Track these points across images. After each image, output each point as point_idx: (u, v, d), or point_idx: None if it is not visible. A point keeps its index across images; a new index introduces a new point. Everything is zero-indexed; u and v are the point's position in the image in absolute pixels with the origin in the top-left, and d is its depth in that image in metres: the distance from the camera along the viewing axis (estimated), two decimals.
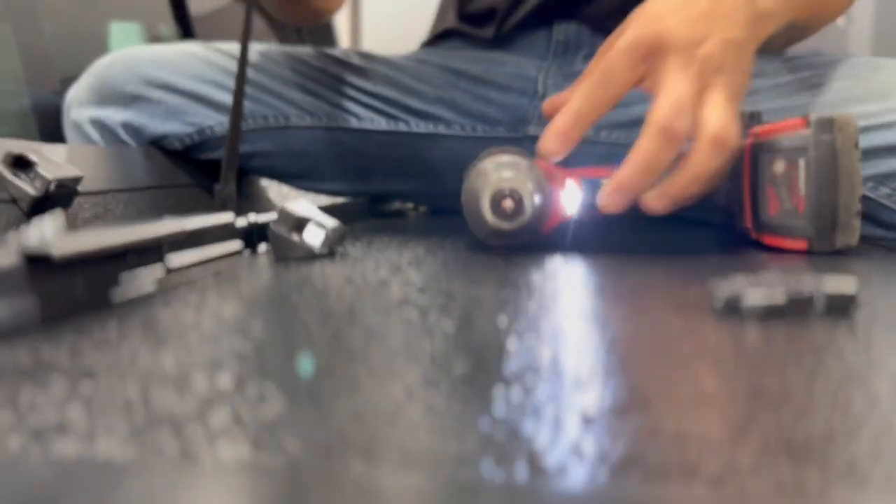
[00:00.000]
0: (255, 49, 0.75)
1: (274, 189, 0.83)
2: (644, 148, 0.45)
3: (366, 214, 0.85)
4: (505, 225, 0.48)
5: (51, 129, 0.75)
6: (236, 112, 0.54)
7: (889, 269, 0.44)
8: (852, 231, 0.46)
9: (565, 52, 0.77)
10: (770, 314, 0.28)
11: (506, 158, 0.49)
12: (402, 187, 0.81)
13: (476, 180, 0.49)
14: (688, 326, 0.28)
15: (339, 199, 0.82)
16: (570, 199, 0.50)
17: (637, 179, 0.45)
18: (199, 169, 0.74)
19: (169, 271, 0.35)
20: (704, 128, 0.45)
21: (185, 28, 1.10)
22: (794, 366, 0.22)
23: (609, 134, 0.71)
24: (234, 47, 0.74)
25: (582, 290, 0.36)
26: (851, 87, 0.61)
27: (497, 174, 0.48)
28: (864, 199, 0.50)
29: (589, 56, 0.66)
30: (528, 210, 0.47)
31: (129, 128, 0.71)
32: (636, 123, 0.57)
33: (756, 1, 0.50)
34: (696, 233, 0.60)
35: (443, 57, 0.79)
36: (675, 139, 0.44)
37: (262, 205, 0.79)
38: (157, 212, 0.60)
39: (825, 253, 0.46)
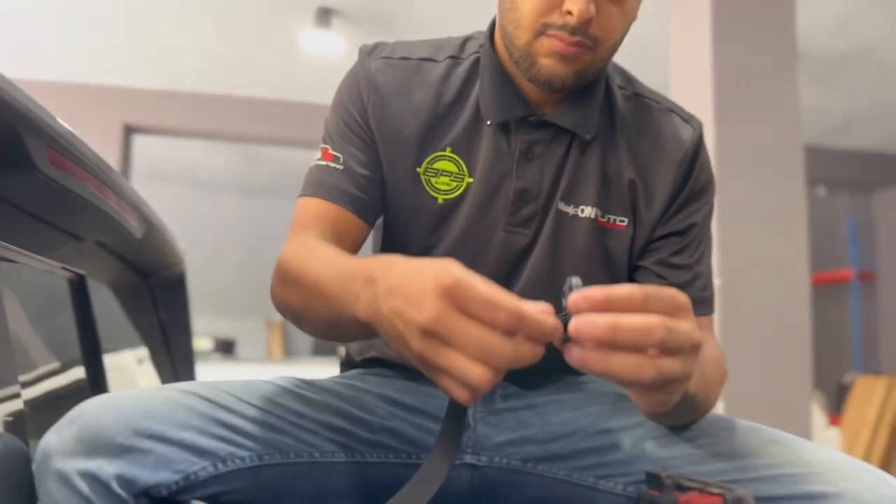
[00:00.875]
0: (223, 390, 0.79)
1: None
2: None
3: None
4: None
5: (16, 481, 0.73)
6: None
7: None
8: None
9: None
10: None
11: None
12: None
13: None
14: None
15: None
16: None
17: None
18: None
19: None
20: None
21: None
22: None
23: (534, 465, 0.85)
24: (199, 387, 0.78)
25: None
26: (716, 444, 0.78)
27: None
28: None
29: (506, 396, 0.90)
30: None
31: (122, 480, 0.70)
32: (559, 458, 0.81)
33: None
34: None
35: (379, 385, 0.89)
36: (651, 334, 0.51)
37: None
38: None
39: None
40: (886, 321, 5.89)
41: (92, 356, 1.08)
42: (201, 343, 6.33)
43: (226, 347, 6.98)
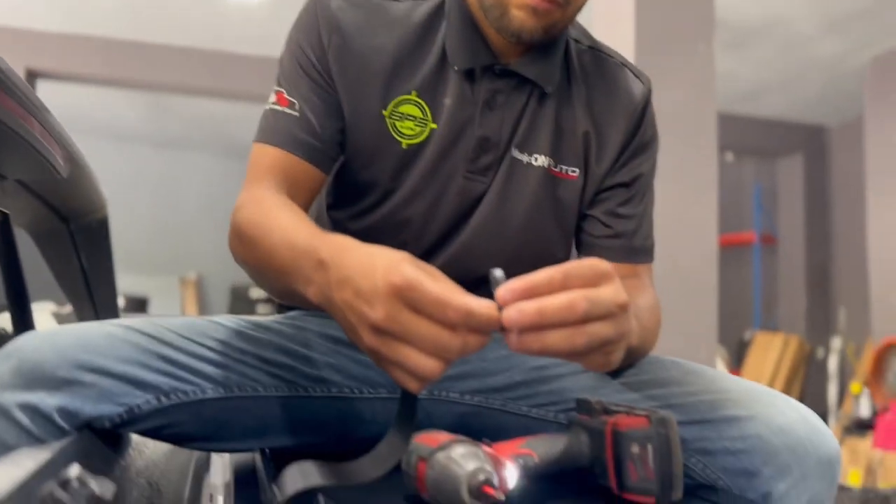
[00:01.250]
0: (165, 326, 0.79)
1: None
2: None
3: None
4: None
5: None
6: None
7: None
8: (680, 489, 0.66)
9: None
10: None
11: (464, 448, 0.62)
12: (293, 442, 0.86)
13: (449, 469, 0.61)
14: None
15: None
16: (510, 475, 0.65)
17: (544, 286, 0.55)
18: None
19: None
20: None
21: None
22: None
23: (472, 397, 0.90)
24: (141, 323, 0.78)
25: None
26: (640, 374, 0.84)
27: (469, 464, 0.60)
28: None
29: None
30: (500, 492, 0.60)
31: (64, 412, 0.70)
32: (495, 391, 0.89)
33: None
34: (579, 488, 0.75)
35: (320, 325, 0.90)
36: (573, 309, 0.55)
37: None
38: None
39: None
40: (785, 282, 6.24)
41: (18, 297, 1.04)
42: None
43: (138, 305, 6.78)
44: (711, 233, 2.85)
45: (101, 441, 0.72)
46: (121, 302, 6.51)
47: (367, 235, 0.93)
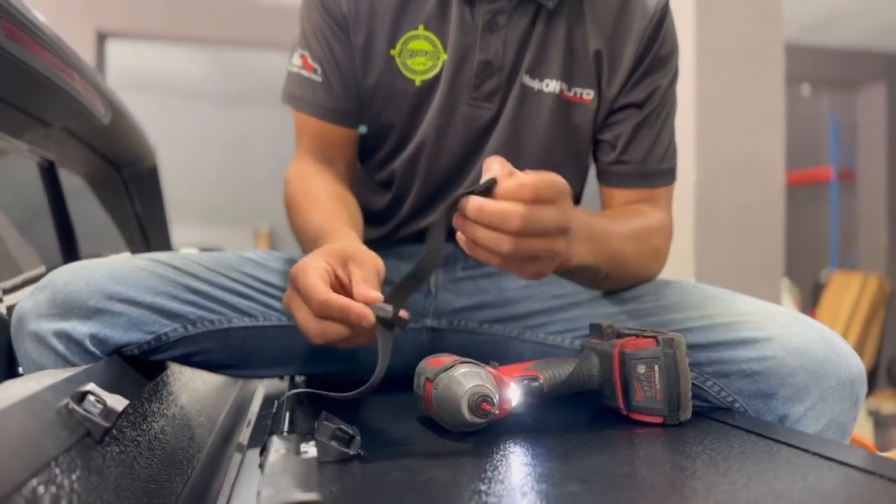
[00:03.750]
0: (194, 260, 0.84)
1: None
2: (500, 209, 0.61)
3: None
4: (478, 421, 0.62)
5: None
6: None
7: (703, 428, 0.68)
8: (689, 409, 0.69)
9: (447, 263, 0.96)
10: None
11: (467, 368, 0.64)
12: (317, 369, 0.90)
13: (451, 387, 0.63)
14: None
15: None
16: (512, 395, 0.67)
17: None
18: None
19: None
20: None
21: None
22: None
23: (490, 326, 0.92)
24: (170, 257, 0.83)
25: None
26: (658, 300, 0.84)
27: (469, 383, 0.62)
28: None
29: (466, 266, 0.96)
30: (496, 409, 0.62)
31: (95, 339, 0.74)
32: (512, 319, 0.88)
33: (574, 240, 0.70)
34: (588, 410, 0.77)
35: None
36: (508, 222, 0.61)
37: None
38: None
39: (674, 424, 0.68)
40: (864, 219, 5.97)
41: (66, 238, 1.11)
42: (188, 252, 6.38)
43: None
44: (778, 168, 2.75)
45: (130, 366, 0.77)
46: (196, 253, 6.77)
47: (390, 180, 0.94)
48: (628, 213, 0.89)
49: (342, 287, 0.69)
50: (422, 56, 0.89)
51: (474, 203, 0.62)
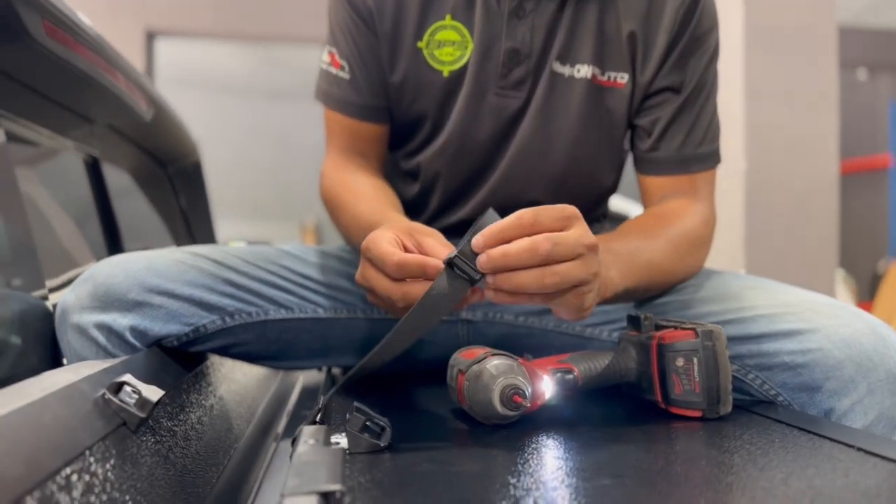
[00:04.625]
0: (232, 253, 0.85)
1: None
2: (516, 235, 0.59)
3: None
4: (510, 413, 0.62)
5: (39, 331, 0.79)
6: None
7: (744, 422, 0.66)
8: (729, 402, 0.67)
9: None
10: None
11: (499, 360, 0.63)
12: (354, 360, 0.89)
13: (483, 379, 0.62)
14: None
15: None
16: (546, 387, 0.67)
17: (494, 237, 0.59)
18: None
19: None
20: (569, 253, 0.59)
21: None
22: None
23: (525, 318, 0.90)
24: (209, 250, 0.84)
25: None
26: (699, 292, 0.82)
27: (501, 375, 0.62)
28: None
29: None
30: (528, 401, 0.61)
31: (135, 331, 0.76)
32: (548, 311, 0.89)
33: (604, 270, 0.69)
34: (625, 403, 0.75)
35: None
36: (536, 250, 0.58)
37: None
38: None
39: (713, 418, 0.66)
40: None
41: (111, 233, 1.13)
42: (236, 246, 6.51)
43: None
44: (831, 155, 2.66)
45: (170, 357, 0.78)
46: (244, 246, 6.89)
47: (419, 171, 0.94)
48: (659, 219, 0.86)
49: None
50: (449, 46, 0.88)
51: (496, 252, 0.59)
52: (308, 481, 0.41)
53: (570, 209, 0.61)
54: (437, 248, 0.66)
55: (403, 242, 0.68)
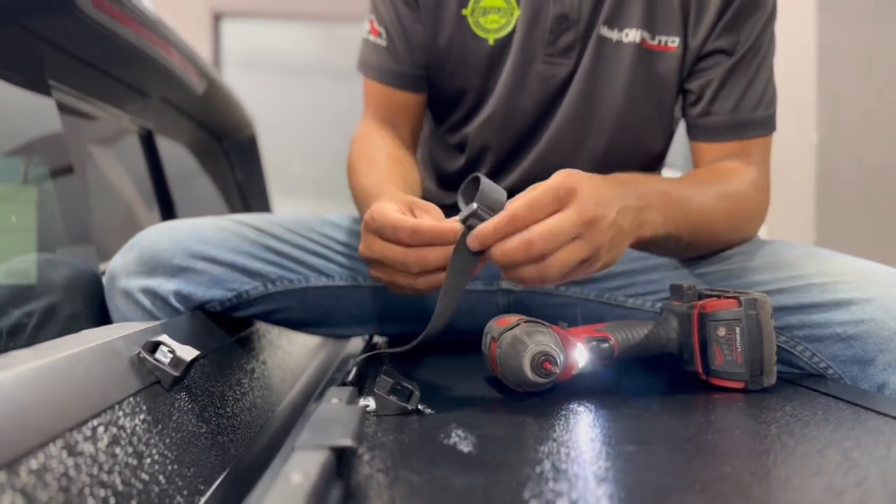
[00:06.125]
0: (275, 221, 0.85)
1: None
2: (505, 231, 0.58)
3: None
4: (541, 380, 0.60)
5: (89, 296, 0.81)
6: None
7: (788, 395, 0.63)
8: (773, 374, 0.64)
9: None
10: None
11: (531, 328, 0.62)
12: (394, 328, 0.90)
13: (514, 346, 0.61)
14: None
15: None
16: (579, 356, 0.65)
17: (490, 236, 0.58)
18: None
19: None
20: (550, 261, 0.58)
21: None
22: None
23: (567, 288, 0.88)
24: (253, 218, 0.85)
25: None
26: (747, 261, 0.79)
27: (533, 342, 0.61)
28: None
29: None
30: (560, 369, 0.60)
31: (179, 295, 0.78)
32: (591, 281, 0.87)
33: (644, 209, 0.65)
34: (664, 374, 0.73)
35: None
36: (530, 249, 0.57)
37: None
38: None
39: (756, 390, 0.64)
40: None
41: (164, 204, 1.16)
42: None
43: None
44: None
45: (214, 322, 0.80)
46: None
47: (465, 143, 0.93)
48: (714, 174, 0.83)
49: None
50: (494, 14, 0.87)
51: (496, 251, 0.58)
52: (321, 435, 0.41)
53: (567, 182, 0.59)
54: (440, 223, 0.64)
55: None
